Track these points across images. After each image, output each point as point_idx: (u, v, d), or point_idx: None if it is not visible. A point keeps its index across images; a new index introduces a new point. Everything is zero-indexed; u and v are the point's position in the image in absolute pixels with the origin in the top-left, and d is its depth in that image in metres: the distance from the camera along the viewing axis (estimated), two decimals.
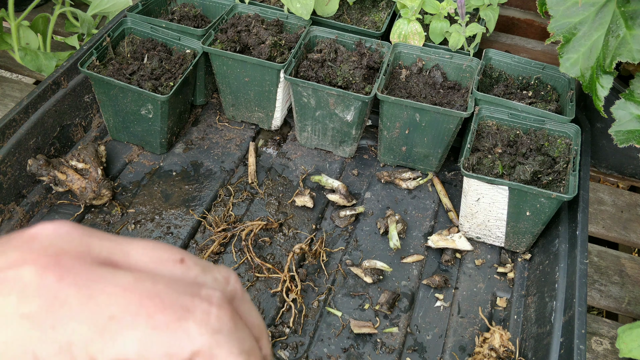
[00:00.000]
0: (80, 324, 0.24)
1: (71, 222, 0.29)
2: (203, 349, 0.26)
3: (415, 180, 1.21)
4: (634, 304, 1.06)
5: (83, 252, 0.27)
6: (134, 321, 0.25)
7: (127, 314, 0.25)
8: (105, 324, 0.24)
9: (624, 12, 0.94)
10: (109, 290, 0.25)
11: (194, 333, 0.26)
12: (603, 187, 1.27)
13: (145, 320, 0.25)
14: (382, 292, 1.01)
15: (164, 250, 0.29)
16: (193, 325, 0.26)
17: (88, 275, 0.25)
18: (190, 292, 0.27)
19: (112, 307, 0.25)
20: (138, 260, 0.28)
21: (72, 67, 1.18)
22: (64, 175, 1.08)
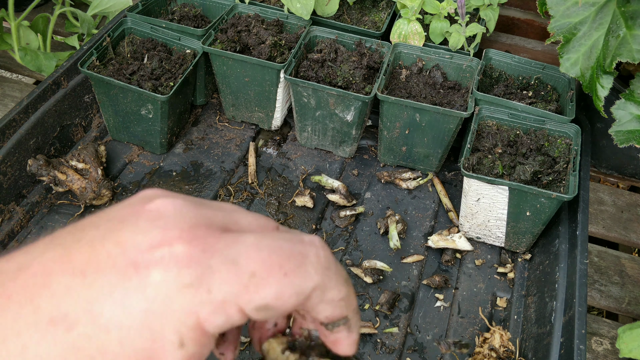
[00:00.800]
0: (229, 285, 0.30)
1: (176, 194, 0.34)
2: (319, 284, 0.32)
3: (415, 180, 1.21)
4: (634, 304, 1.06)
5: (207, 223, 0.32)
6: (269, 273, 0.31)
7: (263, 269, 0.30)
8: (249, 281, 0.30)
9: (624, 12, 0.94)
10: (243, 252, 0.31)
11: (311, 273, 0.32)
12: (603, 187, 1.27)
13: (277, 271, 0.31)
14: (382, 292, 1.01)
15: (263, 218, 0.36)
16: (310, 268, 0.32)
17: (221, 242, 0.31)
18: (299, 242, 0.33)
19: (251, 265, 0.30)
20: (246, 226, 0.35)
21: (72, 67, 1.18)
22: (64, 175, 1.08)
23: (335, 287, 0.33)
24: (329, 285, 0.33)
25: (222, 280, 0.29)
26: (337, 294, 0.33)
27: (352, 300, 0.35)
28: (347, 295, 0.34)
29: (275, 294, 0.30)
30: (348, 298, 0.34)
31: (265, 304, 0.30)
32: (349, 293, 0.34)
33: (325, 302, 0.33)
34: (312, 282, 0.32)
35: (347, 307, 0.34)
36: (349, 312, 0.34)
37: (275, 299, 0.30)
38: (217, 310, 0.29)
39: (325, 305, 0.33)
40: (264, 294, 0.30)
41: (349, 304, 0.34)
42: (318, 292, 0.32)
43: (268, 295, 0.30)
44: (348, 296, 0.34)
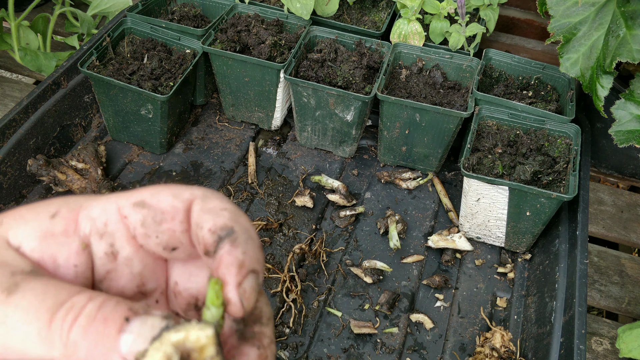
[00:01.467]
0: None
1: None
2: (199, 194, 0.31)
3: (415, 180, 1.21)
4: (634, 304, 1.06)
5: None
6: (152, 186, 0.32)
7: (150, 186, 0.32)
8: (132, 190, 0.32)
9: (624, 12, 0.94)
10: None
11: (194, 187, 0.32)
12: (603, 187, 1.27)
13: (164, 185, 0.32)
14: (382, 292, 1.01)
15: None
16: (195, 186, 0.32)
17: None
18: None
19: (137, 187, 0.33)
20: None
21: (72, 67, 1.18)
22: (64, 176, 1.08)
23: (218, 199, 0.32)
24: (210, 196, 0.31)
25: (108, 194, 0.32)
26: (220, 204, 0.31)
27: (241, 218, 0.31)
28: (234, 210, 0.32)
29: (152, 192, 0.31)
30: (235, 213, 0.31)
31: (142, 199, 0.31)
32: (235, 211, 0.32)
33: (207, 210, 0.31)
34: (190, 189, 0.32)
35: (232, 219, 0.31)
36: (236, 225, 0.31)
37: (151, 196, 0.31)
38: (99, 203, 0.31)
39: (207, 215, 0.31)
40: (142, 193, 0.31)
41: (237, 219, 0.31)
42: (198, 200, 0.31)
43: (145, 193, 0.31)
44: (235, 212, 0.31)
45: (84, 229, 0.30)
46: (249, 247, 0.30)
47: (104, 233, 0.31)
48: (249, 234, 0.31)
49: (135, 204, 0.30)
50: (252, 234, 0.31)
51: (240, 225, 0.31)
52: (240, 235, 0.30)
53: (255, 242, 0.31)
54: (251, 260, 0.30)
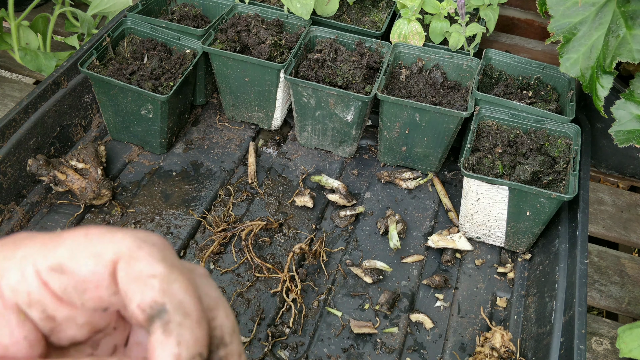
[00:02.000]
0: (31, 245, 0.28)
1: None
2: (125, 251, 0.27)
3: (415, 180, 1.21)
4: (634, 304, 1.06)
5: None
6: (70, 234, 0.28)
7: (66, 232, 0.29)
8: (49, 239, 0.28)
9: (624, 12, 0.94)
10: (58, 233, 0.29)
11: (118, 237, 0.28)
12: (603, 187, 1.27)
13: (79, 232, 0.28)
14: (382, 292, 1.01)
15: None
16: (119, 234, 0.28)
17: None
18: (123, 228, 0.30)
19: (57, 231, 0.29)
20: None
21: (72, 67, 1.18)
22: (64, 175, 1.08)
23: (147, 259, 0.27)
24: (138, 255, 0.27)
25: (25, 244, 0.29)
26: (148, 268, 0.27)
27: (174, 286, 0.27)
28: (165, 276, 0.27)
29: (70, 252, 0.27)
30: (166, 281, 0.27)
31: (59, 263, 0.27)
32: (167, 275, 0.27)
33: (133, 278, 0.27)
34: (114, 245, 0.27)
35: (164, 293, 0.27)
36: (167, 300, 0.27)
37: (69, 258, 0.27)
38: (14, 267, 0.28)
39: (134, 285, 0.27)
40: (60, 252, 0.28)
41: (168, 290, 0.27)
42: (123, 262, 0.27)
43: (63, 253, 0.27)
44: (166, 279, 0.27)
45: (11, 299, 0.28)
46: (184, 331, 0.27)
47: (30, 302, 0.28)
48: (185, 309, 0.27)
49: (53, 269, 0.27)
50: (188, 307, 0.27)
51: (173, 299, 0.27)
52: (173, 315, 0.27)
53: (192, 319, 0.27)
54: (189, 347, 0.27)
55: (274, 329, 0.95)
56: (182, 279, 0.28)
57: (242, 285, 1.01)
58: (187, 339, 0.27)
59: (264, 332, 0.95)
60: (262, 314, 0.97)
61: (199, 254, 1.05)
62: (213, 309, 0.30)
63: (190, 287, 0.28)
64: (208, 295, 0.30)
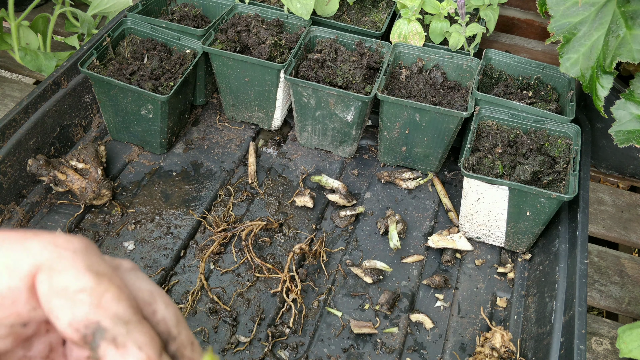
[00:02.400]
0: None
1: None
2: (43, 263, 0.25)
3: (415, 180, 1.21)
4: (634, 304, 1.06)
5: None
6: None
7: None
8: None
9: (624, 12, 0.94)
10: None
11: (35, 248, 0.25)
12: (603, 187, 1.27)
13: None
14: (382, 292, 1.01)
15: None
16: (36, 244, 0.25)
17: None
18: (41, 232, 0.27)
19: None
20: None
21: (72, 67, 1.18)
22: (64, 175, 1.08)
23: (71, 270, 0.24)
24: (59, 266, 0.24)
25: None
26: (73, 281, 0.24)
27: (108, 300, 0.24)
28: (93, 289, 0.24)
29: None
30: (96, 294, 0.24)
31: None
32: (99, 289, 0.24)
33: (57, 293, 0.24)
34: (30, 255, 0.24)
35: (96, 308, 0.24)
36: (102, 316, 0.24)
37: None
38: None
39: (60, 301, 0.24)
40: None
41: (100, 304, 0.24)
42: (43, 275, 0.24)
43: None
44: (96, 292, 0.24)
45: None
46: (136, 335, 0.24)
47: None
48: (123, 319, 0.25)
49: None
50: (125, 315, 0.25)
51: (108, 314, 0.24)
52: (115, 329, 0.24)
53: (134, 321, 0.25)
54: (151, 345, 0.25)
55: (274, 329, 0.95)
56: (112, 287, 0.25)
57: (242, 286, 1.01)
58: (143, 340, 0.25)
59: (264, 332, 0.95)
60: (262, 314, 0.97)
61: (199, 254, 1.05)
62: (150, 302, 0.28)
63: (122, 293, 0.25)
64: (141, 289, 0.28)
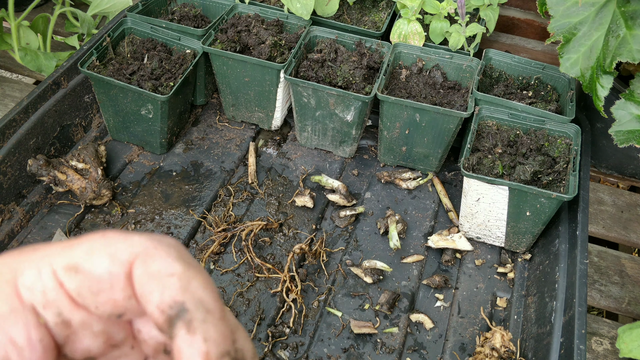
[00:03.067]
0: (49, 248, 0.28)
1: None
2: (141, 250, 0.27)
3: (415, 180, 1.21)
4: (634, 304, 1.06)
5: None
6: (87, 237, 0.28)
7: (83, 236, 0.29)
8: (66, 243, 0.28)
9: (624, 12, 0.94)
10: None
11: (134, 238, 0.28)
12: (603, 187, 1.27)
13: (97, 234, 0.28)
14: (382, 292, 1.01)
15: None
16: (135, 235, 0.28)
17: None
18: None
19: (74, 237, 0.29)
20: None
21: (72, 67, 1.18)
22: (64, 176, 1.08)
23: (164, 258, 0.27)
24: (154, 254, 0.27)
25: (44, 247, 0.28)
26: (166, 267, 0.27)
27: (193, 284, 0.27)
28: (183, 274, 0.27)
29: (87, 252, 0.27)
30: (185, 279, 0.27)
31: (75, 262, 0.27)
32: (185, 272, 0.27)
33: (150, 277, 0.26)
34: (130, 245, 0.27)
35: (183, 291, 0.26)
36: (187, 298, 0.26)
37: (85, 258, 0.27)
38: (31, 266, 0.27)
39: (151, 284, 0.26)
40: (76, 252, 0.27)
41: (188, 288, 0.26)
42: (140, 261, 0.27)
43: (80, 253, 0.27)
44: (185, 277, 0.27)
45: (28, 299, 0.27)
46: (209, 327, 0.26)
47: (45, 303, 0.27)
48: (206, 306, 0.26)
49: (68, 269, 0.27)
50: (209, 304, 0.27)
51: (193, 297, 0.26)
52: (194, 313, 0.26)
53: (215, 315, 0.26)
54: (217, 344, 0.26)
55: (274, 329, 0.95)
56: (201, 277, 0.27)
57: (242, 286, 1.01)
58: (213, 336, 0.26)
59: (264, 332, 0.95)
60: (262, 314, 0.97)
61: (199, 254, 1.05)
62: (234, 330, 0.28)
63: (209, 284, 0.27)
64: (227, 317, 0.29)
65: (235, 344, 0.28)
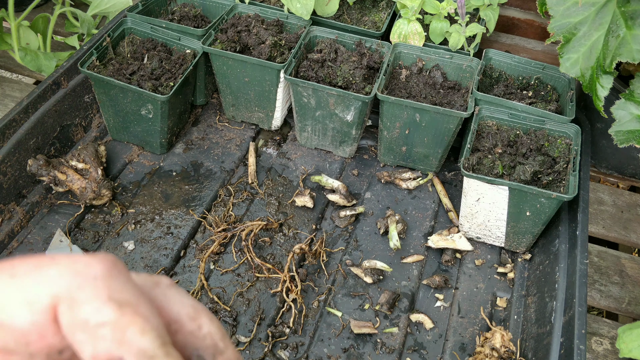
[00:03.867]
0: None
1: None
2: (63, 292, 0.23)
3: (415, 180, 1.21)
4: (634, 304, 1.06)
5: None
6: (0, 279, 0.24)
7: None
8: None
9: (624, 12, 0.94)
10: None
11: (54, 276, 0.24)
12: (603, 187, 1.27)
13: (7, 273, 0.24)
14: (382, 292, 1.01)
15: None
16: (54, 271, 0.24)
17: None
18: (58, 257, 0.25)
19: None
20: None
21: (72, 67, 1.18)
22: (64, 176, 1.08)
23: (91, 301, 0.23)
24: (78, 297, 0.23)
25: None
26: (94, 315, 0.23)
27: (132, 333, 0.23)
28: (116, 322, 0.23)
29: (0, 302, 0.23)
30: (119, 329, 0.23)
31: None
32: (122, 322, 0.23)
33: (79, 327, 0.23)
34: (50, 287, 0.23)
35: (119, 344, 0.23)
36: (124, 351, 0.23)
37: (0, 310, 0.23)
38: None
39: (82, 335, 0.23)
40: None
41: (123, 340, 0.23)
42: (65, 306, 0.23)
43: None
44: (118, 325, 0.23)
45: None
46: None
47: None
48: (147, 354, 0.23)
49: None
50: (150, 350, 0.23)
51: (131, 349, 0.23)
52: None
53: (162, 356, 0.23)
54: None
55: (274, 329, 0.95)
56: (137, 318, 0.24)
57: (242, 286, 1.01)
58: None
59: (264, 332, 0.95)
60: (262, 314, 0.97)
61: (199, 254, 1.05)
62: (195, 317, 0.27)
63: (147, 324, 0.24)
64: (184, 305, 0.27)
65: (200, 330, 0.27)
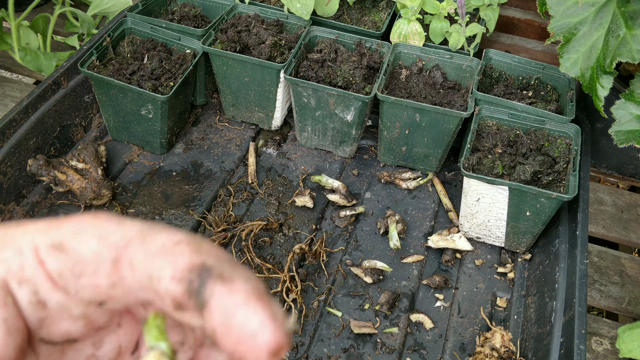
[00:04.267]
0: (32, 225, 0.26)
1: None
2: (136, 233, 0.25)
3: (415, 180, 1.21)
4: (634, 304, 1.06)
5: None
6: (73, 217, 0.26)
7: (69, 216, 0.26)
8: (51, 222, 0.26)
9: (624, 12, 0.94)
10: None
11: (128, 223, 0.26)
12: (603, 187, 1.27)
13: (84, 215, 0.26)
14: (382, 292, 1.01)
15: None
16: (129, 220, 0.26)
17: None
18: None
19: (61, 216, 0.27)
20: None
21: (72, 67, 1.18)
22: (64, 176, 1.08)
23: (164, 232, 0.25)
24: (151, 233, 0.25)
25: (28, 223, 0.26)
26: (169, 239, 0.24)
27: (208, 247, 0.24)
28: (190, 239, 0.24)
29: (74, 230, 0.25)
30: (194, 243, 0.24)
31: (60, 240, 0.25)
32: (196, 240, 0.25)
33: (154, 254, 0.24)
34: (123, 228, 0.25)
35: (196, 252, 0.24)
36: (204, 258, 0.24)
37: (72, 236, 0.25)
38: (12, 241, 0.25)
39: (159, 260, 0.24)
40: (63, 230, 0.25)
41: (201, 250, 0.24)
42: (137, 244, 0.24)
43: (66, 231, 0.25)
44: (193, 241, 0.24)
45: (1, 273, 0.25)
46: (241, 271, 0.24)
47: (21, 279, 0.25)
48: (226, 259, 0.24)
49: (53, 247, 0.25)
50: (227, 257, 0.24)
51: (210, 255, 0.24)
52: (221, 267, 0.23)
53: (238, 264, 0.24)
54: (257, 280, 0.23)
55: None
56: (208, 241, 0.25)
57: None
58: (250, 274, 0.24)
59: None
60: None
61: None
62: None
63: (218, 247, 0.26)
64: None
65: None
